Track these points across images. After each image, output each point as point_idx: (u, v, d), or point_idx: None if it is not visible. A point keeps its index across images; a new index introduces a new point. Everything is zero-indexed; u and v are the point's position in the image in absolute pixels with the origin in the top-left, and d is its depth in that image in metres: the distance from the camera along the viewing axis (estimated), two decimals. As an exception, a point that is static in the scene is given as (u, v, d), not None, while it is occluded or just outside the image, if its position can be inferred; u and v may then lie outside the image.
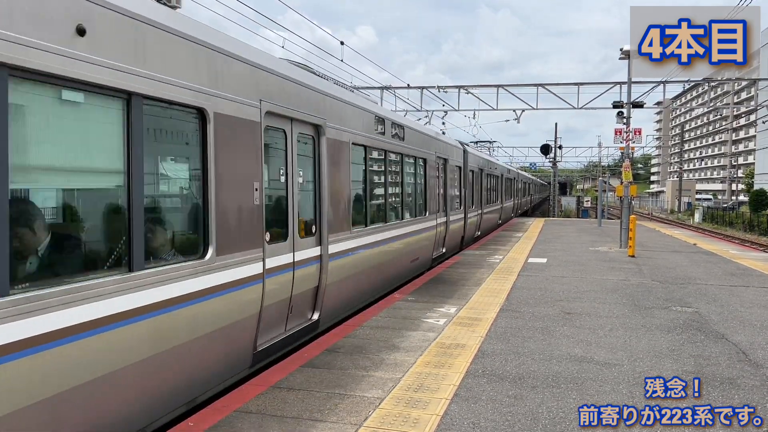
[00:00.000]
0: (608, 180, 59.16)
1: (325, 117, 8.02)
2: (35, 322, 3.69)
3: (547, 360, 6.84)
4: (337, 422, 4.99)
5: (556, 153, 53.10)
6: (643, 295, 11.00)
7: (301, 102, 7.34)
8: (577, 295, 10.84)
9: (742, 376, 6.39)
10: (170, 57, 4.97)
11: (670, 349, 7.38)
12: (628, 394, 5.76)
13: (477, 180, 21.43)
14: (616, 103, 23.45)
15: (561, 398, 5.63)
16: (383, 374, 6.24)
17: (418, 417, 5.12)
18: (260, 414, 5.14)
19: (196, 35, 5.34)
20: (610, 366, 6.66)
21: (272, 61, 7.06)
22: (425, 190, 13.65)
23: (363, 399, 5.53)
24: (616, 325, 8.60)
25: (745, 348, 7.47)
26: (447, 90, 30.17)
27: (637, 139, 22.13)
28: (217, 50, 5.62)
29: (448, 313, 9.19)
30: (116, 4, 4.35)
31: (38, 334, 3.71)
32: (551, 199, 57.19)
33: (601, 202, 36.20)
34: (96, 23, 4.14)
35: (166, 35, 4.89)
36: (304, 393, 5.65)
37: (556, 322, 8.69)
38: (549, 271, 13.86)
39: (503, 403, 5.48)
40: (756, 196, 57.03)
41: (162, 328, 4.76)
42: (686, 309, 9.78)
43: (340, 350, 7.08)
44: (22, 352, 3.62)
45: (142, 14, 4.61)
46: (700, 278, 13.05)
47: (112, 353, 4.30)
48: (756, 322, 8.86)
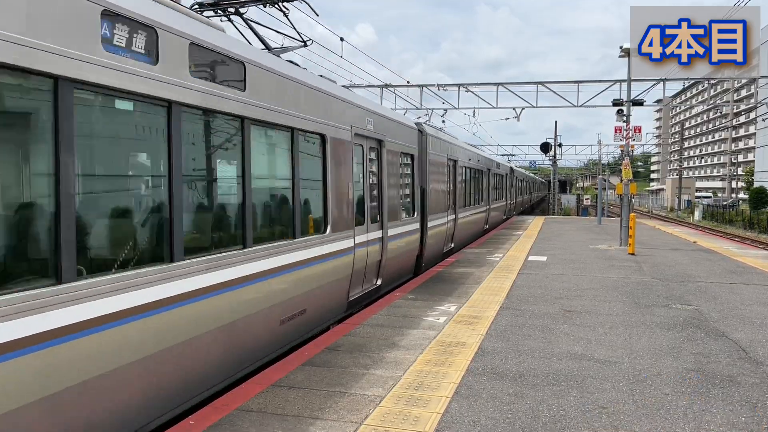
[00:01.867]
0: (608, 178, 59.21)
1: (385, 134, 10.73)
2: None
3: (548, 358, 6.85)
4: (338, 420, 5.00)
5: (556, 151, 53.11)
6: (643, 292, 11.00)
7: (377, 125, 10.24)
8: (577, 293, 10.85)
9: (742, 373, 6.40)
10: (310, 103, 7.73)
11: (670, 346, 7.39)
12: (629, 392, 5.77)
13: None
14: (615, 101, 23.43)
15: (561, 396, 5.64)
16: (384, 372, 6.24)
17: (419, 415, 5.13)
18: (261, 412, 5.15)
19: (320, 86, 8.20)
20: (610, 364, 6.66)
21: (355, 96, 10.18)
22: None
23: (363, 397, 5.53)
24: (617, 322, 8.61)
25: (745, 345, 7.48)
26: (447, 88, 30.16)
27: (637, 137, 22.03)
28: (329, 95, 8.44)
29: (449, 311, 9.20)
30: (307, 82, 7.80)
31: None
32: (551, 197, 57.20)
33: (600, 200, 36.22)
34: (301, 96, 7.51)
35: (311, 91, 7.82)
36: (305, 391, 5.66)
37: (557, 320, 8.69)
38: (549, 269, 13.87)
39: (504, 401, 5.49)
40: (756, 194, 57.08)
41: (308, 275, 7.56)
42: (686, 307, 9.79)
43: (341, 348, 7.09)
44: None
45: (302, 79, 7.64)
46: (700, 276, 13.06)
47: (288, 285, 7.03)
48: (756, 320, 8.87)
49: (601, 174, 66.10)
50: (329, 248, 8.15)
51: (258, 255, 6.36)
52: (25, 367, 3.66)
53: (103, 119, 4.76)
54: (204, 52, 5.52)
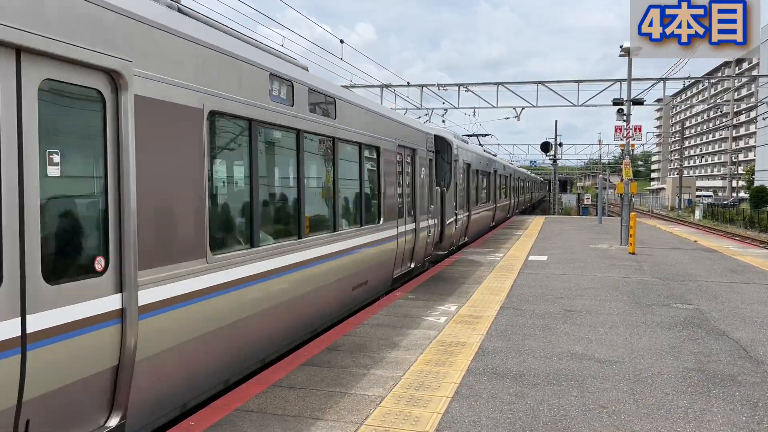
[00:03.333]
0: (608, 177, 59.16)
1: (419, 144, 13.10)
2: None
3: (548, 357, 6.84)
4: (338, 420, 5.00)
5: (557, 150, 53.10)
6: (644, 292, 11.00)
7: (410, 137, 12.47)
8: (577, 293, 10.84)
9: (743, 372, 6.39)
10: (370, 123, 9.93)
11: (670, 346, 7.39)
12: (629, 392, 5.76)
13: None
14: (616, 100, 23.39)
15: (562, 396, 5.63)
16: (384, 372, 6.24)
17: (419, 415, 5.12)
18: (261, 413, 5.14)
19: (375, 109, 10.62)
20: (610, 363, 6.66)
21: (397, 114, 13.16)
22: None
23: (364, 397, 5.53)
24: (617, 322, 8.60)
25: (745, 345, 7.47)
26: (447, 88, 30.14)
27: (638, 137, 22.01)
28: (381, 115, 10.78)
29: (449, 311, 9.19)
30: (368, 107, 10.14)
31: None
32: (551, 196, 57.16)
33: (601, 199, 36.20)
34: (364, 118, 9.74)
35: (370, 114, 10.09)
36: (305, 391, 5.65)
37: (557, 320, 8.69)
38: (549, 268, 13.86)
39: (504, 401, 5.48)
40: (756, 193, 57.01)
41: (370, 254, 9.83)
42: (687, 306, 9.79)
43: (341, 348, 7.08)
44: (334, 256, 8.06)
45: (365, 105, 9.97)
46: (700, 275, 13.05)
47: (358, 261, 9.23)
48: (757, 319, 8.86)
49: (602, 173, 66.05)
50: (382, 235, 10.45)
51: (344, 236, 8.69)
52: (253, 292, 6.06)
53: (267, 144, 6.93)
54: (315, 94, 7.74)
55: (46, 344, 3.67)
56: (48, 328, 3.68)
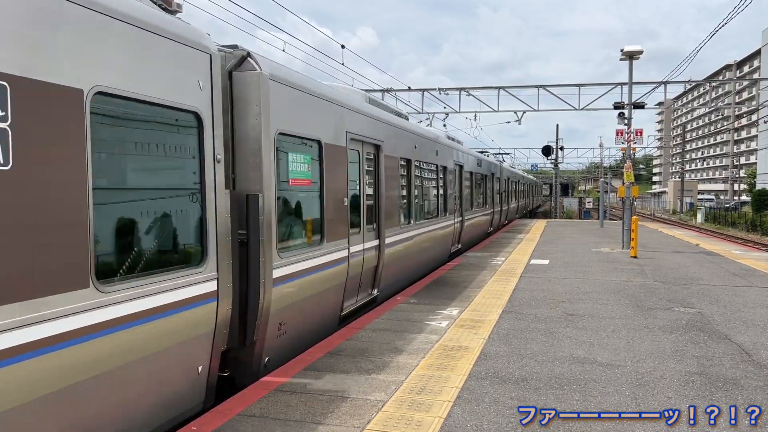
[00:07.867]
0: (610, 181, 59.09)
1: (464, 162, 18.49)
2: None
3: (550, 362, 6.84)
4: (340, 425, 4.99)
5: (558, 154, 53.06)
6: (646, 295, 10.99)
7: (451, 155, 16.75)
8: (579, 297, 10.83)
9: (745, 376, 6.38)
10: (438, 150, 15.11)
11: (673, 349, 7.38)
12: (631, 396, 5.76)
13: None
14: (617, 103, 23.43)
15: (564, 400, 5.63)
16: (386, 377, 6.24)
17: (421, 420, 5.12)
18: (263, 417, 5.14)
19: (439, 139, 15.81)
20: (612, 367, 6.65)
21: (451, 142, 17.72)
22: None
23: (366, 402, 5.52)
24: (619, 326, 8.59)
25: (748, 348, 7.46)
26: (448, 92, 30.20)
27: (639, 140, 22.02)
28: (443, 144, 15.97)
29: (451, 315, 9.19)
30: (434, 138, 15.41)
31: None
32: (553, 200, 57.09)
33: (602, 203, 36.14)
34: (434, 147, 14.92)
35: (436, 144, 15.18)
36: (307, 396, 5.65)
37: (559, 324, 8.68)
38: (551, 272, 13.85)
39: (506, 405, 5.48)
40: (758, 196, 56.85)
41: (439, 235, 14.98)
42: (689, 310, 9.77)
43: (343, 353, 7.08)
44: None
45: (434, 137, 15.34)
46: (702, 279, 13.04)
47: (432, 242, 14.34)
48: (759, 323, 8.85)
49: (603, 177, 66.00)
50: (446, 222, 15.57)
51: (421, 225, 12.81)
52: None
53: (418, 172, 12.22)
54: (431, 143, 13.74)
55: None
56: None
